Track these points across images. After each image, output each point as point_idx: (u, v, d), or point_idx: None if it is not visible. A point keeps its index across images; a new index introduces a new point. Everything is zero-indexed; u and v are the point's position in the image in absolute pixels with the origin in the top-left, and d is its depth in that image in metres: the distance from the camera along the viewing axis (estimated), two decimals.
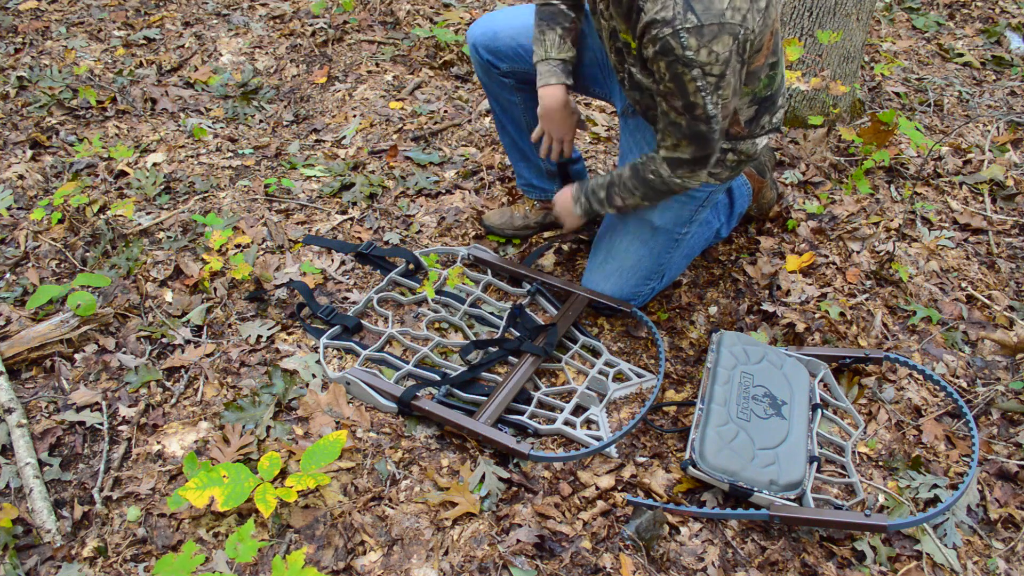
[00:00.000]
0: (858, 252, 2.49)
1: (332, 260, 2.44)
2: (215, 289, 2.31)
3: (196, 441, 1.91)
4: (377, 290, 2.30)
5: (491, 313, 2.27)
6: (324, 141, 3.03)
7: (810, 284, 2.36)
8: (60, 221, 2.53)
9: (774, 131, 2.02)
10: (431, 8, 3.85)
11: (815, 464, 1.84)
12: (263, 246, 2.49)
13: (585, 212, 2.13)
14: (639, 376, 2.10)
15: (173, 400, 2.01)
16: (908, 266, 2.44)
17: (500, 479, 1.82)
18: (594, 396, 2.02)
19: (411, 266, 2.38)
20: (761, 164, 2.48)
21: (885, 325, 2.27)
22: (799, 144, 2.96)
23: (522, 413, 1.97)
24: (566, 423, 1.96)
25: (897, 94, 3.40)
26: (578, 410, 2.02)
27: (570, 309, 2.19)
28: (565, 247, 2.53)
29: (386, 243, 2.53)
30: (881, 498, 1.85)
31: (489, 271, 2.40)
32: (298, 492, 1.70)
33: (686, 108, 1.70)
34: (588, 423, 1.99)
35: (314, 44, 3.57)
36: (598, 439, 1.91)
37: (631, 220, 2.14)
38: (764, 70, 1.83)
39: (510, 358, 2.12)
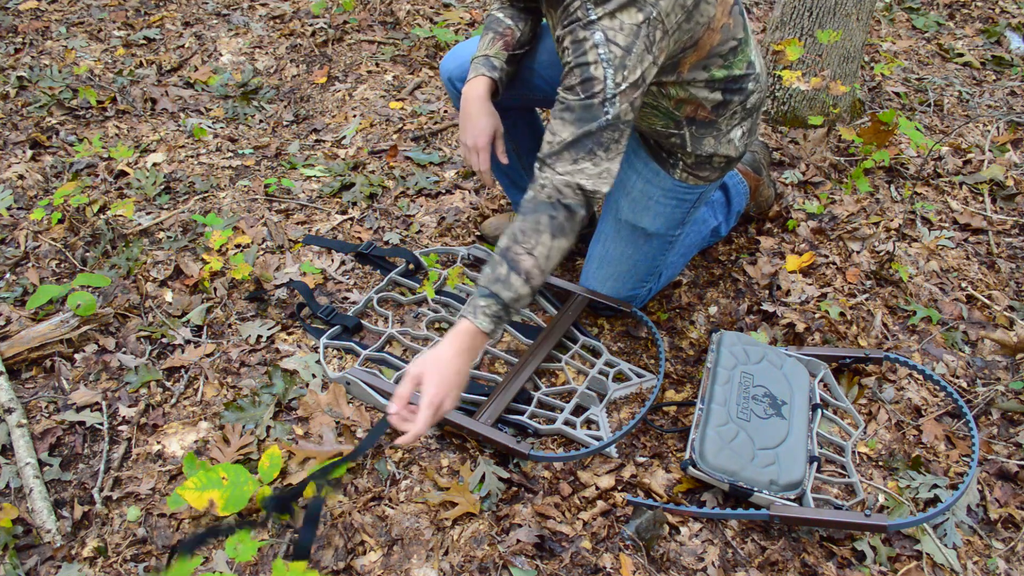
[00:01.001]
0: (858, 252, 2.49)
1: (332, 260, 2.44)
2: (215, 289, 2.31)
3: (196, 441, 1.91)
4: (377, 290, 2.30)
5: None
6: (324, 141, 3.03)
7: (810, 284, 2.36)
8: (60, 221, 2.53)
9: (748, 117, 1.93)
10: (431, 8, 3.85)
11: (815, 464, 1.84)
12: (263, 246, 2.49)
13: (495, 319, 1.57)
14: (639, 376, 2.10)
15: (173, 400, 2.01)
16: (908, 266, 2.44)
17: (500, 479, 1.82)
18: (594, 396, 2.02)
19: (411, 266, 2.38)
20: (756, 161, 2.48)
21: (885, 325, 2.27)
22: (799, 144, 2.96)
23: (522, 413, 1.97)
24: (566, 423, 1.96)
25: (897, 94, 3.40)
26: (578, 410, 2.02)
27: (570, 309, 2.19)
28: None
29: (386, 243, 2.53)
30: (881, 498, 1.85)
31: None
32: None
33: (582, 83, 1.54)
34: (588, 423, 1.99)
35: (314, 44, 3.57)
36: (598, 439, 1.91)
37: (622, 228, 2.13)
38: (715, 61, 1.78)
39: (509, 358, 2.13)
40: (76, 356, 2.10)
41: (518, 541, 1.70)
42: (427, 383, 1.51)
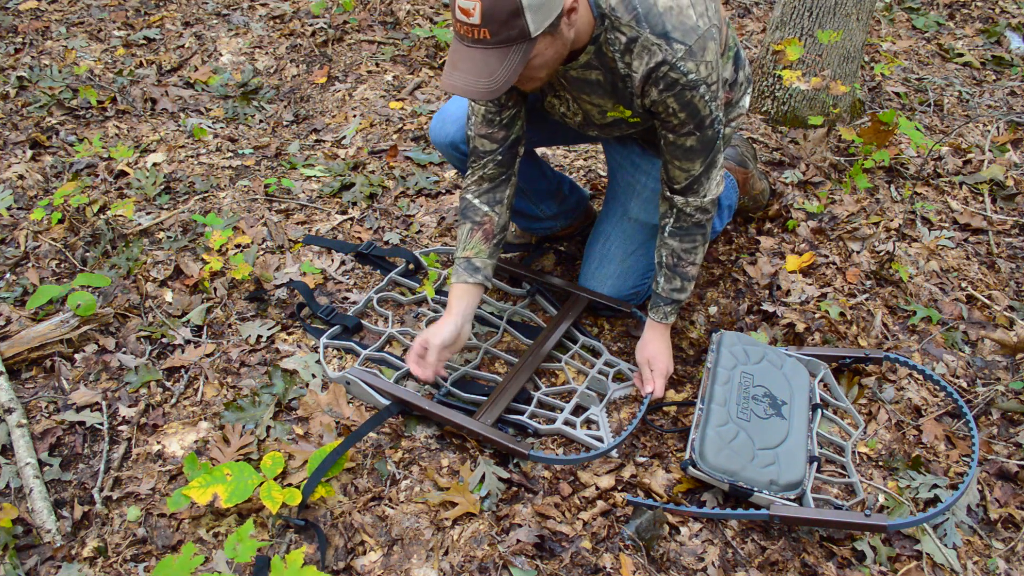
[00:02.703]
0: (858, 252, 2.49)
1: (332, 260, 2.44)
2: (215, 289, 2.31)
3: (196, 441, 1.91)
4: (377, 290, 2.30)
5: (491, 313, 2.27)
6: (324, 141, 3.03)
7: (810, 284, 2.36)
8: (60, 221, 2.53)
9: (749, 84, 2.09)
10: (431, 8, 3.85)
11: (815, 464, 1.84)
12: (263, 246, 2.49)
13: (676, 314, 2.03)
14: None
15: (173, 400, 2.01)
16: (908, 266, 2.44)
17: (500, 479, 1.82)
18: (594, 396, 2.02)
19: (411, 266, 2.38)
20: (740, 155, 2.48)
21: (885, 325, 2.27)
22: (799, 144, 2.96)
23: (522, 413, 1.97)
24: (566, 423, 1.96)
25: (897, 94, 3.40)
26: (578, 410, 2.02)
27: (570, 309, 2.19)
28: (564, 248, 2.53)
29: (386, 243, 2.53)
30: (881, 498, 1.85)
31: None
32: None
33: (697, 126, 1.72)
34: (588, 423, 1.99)
35: (314, 44, 3.57)
36: (598, 439, 1.91)
37: (628, 226, 2.14)
38: (728, 38, 1.92)
39: (509, 358, 2.13)
40: (76, 356, 2.10)
41: (518, 541, 1.70)
42: (658, 362, 2.00)
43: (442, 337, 1.86)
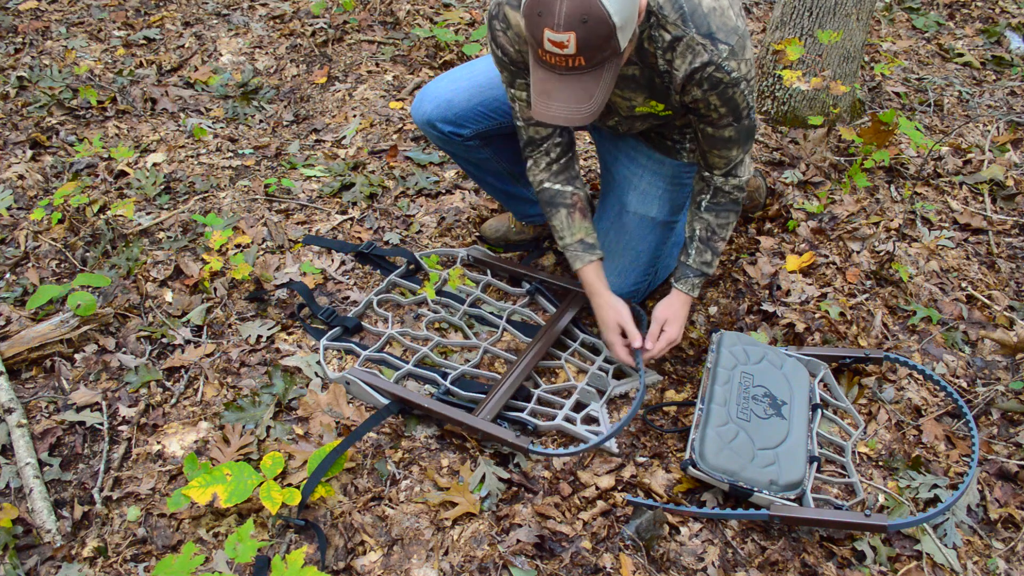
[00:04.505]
0: (858, 252, 2.49)
1: (332, 260, 2.44)
2: (215, 289, 2.31)
3: (196, 441, 1.91)
4: (377, 292, 2.30)
5: (491, 313, 2.27)
6: (324, 141, 3.03)
7: (810, 284, 2.36)
8: (60, 221, 2.53)
9: None
10: (431, 8, 3.85)
11: (815, 464, 1.84)
12: (263, 246, 2.49)
13: (701, 287, 2.09)
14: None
15: (173, 400, 2.01)
16: (908, 266, 2.44)
17: (500, 479, 1.82)
18: (594, 393, 2.02)
19: (411, 266, 2.38)
20: None
21: (885, 325, 2.27)
22: (799, 144, 2.96)
23: (522, 410, 1.97)
24: (566, 419, 1.96)
25: (897, 94, 3.40)
26: (578, 407, 2.02)
27: (569, 306, 2.19)
28: None
29: (386, 243, 2.53)
30: (881, 498, 1.85)
31: (489, 271, 2.40)
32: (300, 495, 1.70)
33: (736, 118, 1.78)
34: (588, 419, 1.99)
35: (314, 44, 3.57)
36: (598, 435, 1.91)
37: (628, 220, 2.14)
38: None
39: (509, 356, 2.13)
40: (76, 356, 2.10)
41: (518, 541, 1.70)
42: (672, 327, 2.00)
43: (623, 315, 1.99)
